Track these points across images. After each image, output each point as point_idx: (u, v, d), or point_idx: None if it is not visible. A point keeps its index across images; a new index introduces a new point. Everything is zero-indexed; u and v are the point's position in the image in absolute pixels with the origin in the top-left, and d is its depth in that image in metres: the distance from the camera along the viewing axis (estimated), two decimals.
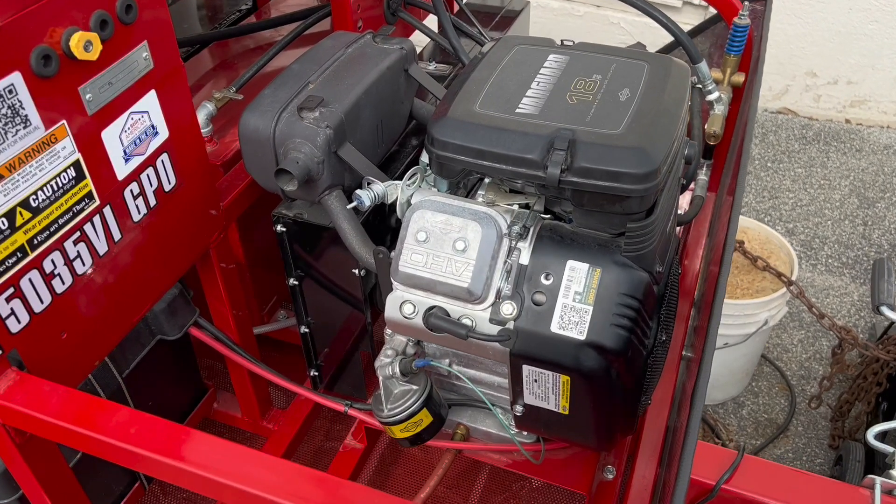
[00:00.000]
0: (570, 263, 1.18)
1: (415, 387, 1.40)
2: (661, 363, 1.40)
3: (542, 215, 1.25)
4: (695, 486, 1.66)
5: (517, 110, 1.20)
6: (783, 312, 2.78)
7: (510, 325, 1.20)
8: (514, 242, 1.19)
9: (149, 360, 1.57)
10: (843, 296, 3.44)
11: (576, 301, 1.16)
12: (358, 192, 1.23)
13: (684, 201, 2.10)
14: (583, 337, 1.16)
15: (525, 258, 1.19)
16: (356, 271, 1.44)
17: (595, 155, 1.11)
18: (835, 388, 2.94)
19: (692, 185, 2.03)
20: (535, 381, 1.25)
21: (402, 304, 1.26)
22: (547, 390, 1.26)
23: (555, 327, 1.17)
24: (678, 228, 2.09)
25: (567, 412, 1.28)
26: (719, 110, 1.87)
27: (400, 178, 1.31)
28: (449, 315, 1.23)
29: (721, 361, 2.81)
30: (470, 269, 1.17)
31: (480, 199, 1.27)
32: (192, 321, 1.57)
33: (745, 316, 2.67)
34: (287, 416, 1.76)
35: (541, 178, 1.13)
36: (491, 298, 1.19)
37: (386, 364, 1.39)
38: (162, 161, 1.33)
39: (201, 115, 1.60)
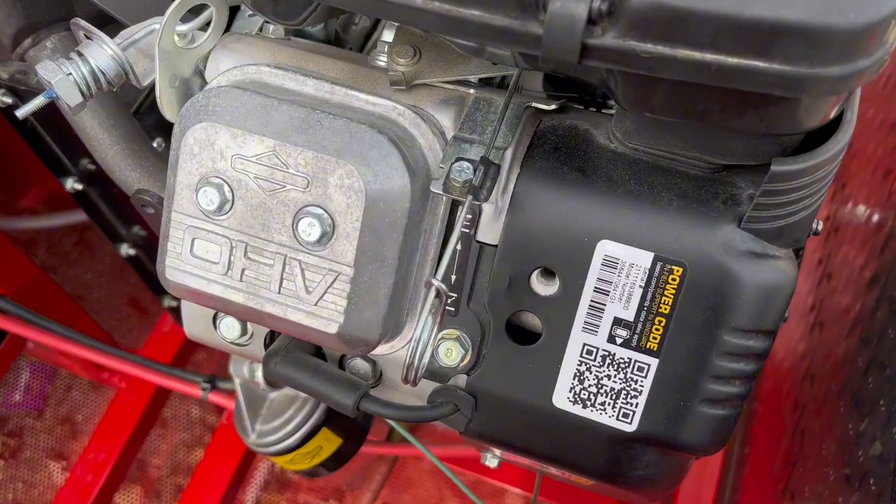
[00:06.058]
0: (605, 246, 0.46)
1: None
2: None
3: (536, 105, 0.49)
4: None
5: None
6: None
7: (458, 380, 0.51)
8: (466, 196, 0.45)
9: None
10: None
11: (618, 342, 0.47)
12: (41, 68, 0.46)
13: None
14: (632, 427, 0.48)
15: (491, 233, 0.47)
16: None
17: None
18: None
19: None
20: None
21: (218, 319, 0.56)
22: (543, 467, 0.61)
23: (561, 399, 0.49)
24: None
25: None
26: None
27: None
28: (325, 358, 0.54)
29: None
30: (344, 286, 0.45)
31: (380, 63, 0.50)
32: None
33: None
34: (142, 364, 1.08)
35: (523, 38, 0.37)
36: (407, 334, 0.49)
37: (240, 360, 0.75)
38: None
39: None
